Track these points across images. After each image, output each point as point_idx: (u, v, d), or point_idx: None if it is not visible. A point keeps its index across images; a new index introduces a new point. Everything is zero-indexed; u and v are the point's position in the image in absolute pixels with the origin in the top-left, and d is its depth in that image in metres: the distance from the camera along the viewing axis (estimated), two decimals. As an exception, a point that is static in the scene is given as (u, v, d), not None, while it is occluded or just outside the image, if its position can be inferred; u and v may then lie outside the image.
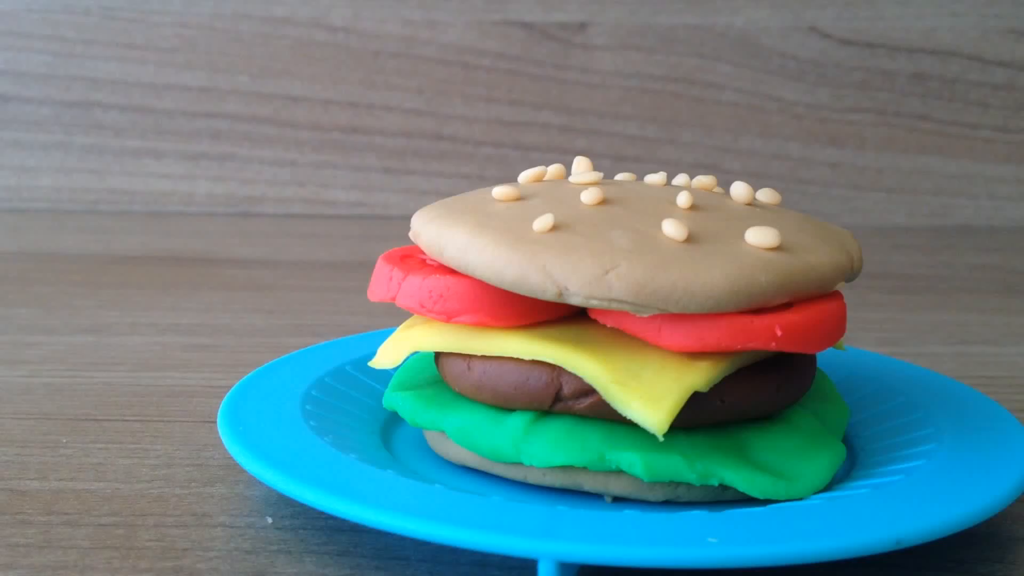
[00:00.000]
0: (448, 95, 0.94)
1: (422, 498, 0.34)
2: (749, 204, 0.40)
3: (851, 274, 0.39)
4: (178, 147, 0.93)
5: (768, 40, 0.94)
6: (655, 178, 0.42)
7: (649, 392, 0.35)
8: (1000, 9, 0.94)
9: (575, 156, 0.97)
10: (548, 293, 0.36)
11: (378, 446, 0.40)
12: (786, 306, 0.37)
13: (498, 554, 0.34)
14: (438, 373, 0.41)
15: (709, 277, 0.35)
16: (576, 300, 0.36)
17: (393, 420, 0.43)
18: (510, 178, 0.91)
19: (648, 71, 0.94)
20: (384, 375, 0.45)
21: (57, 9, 0.91)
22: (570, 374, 0.37)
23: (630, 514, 0.33)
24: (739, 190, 0.40)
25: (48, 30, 0.92)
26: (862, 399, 0.44)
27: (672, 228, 0.37)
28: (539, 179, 0.42)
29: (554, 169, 0.43)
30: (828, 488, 0.37)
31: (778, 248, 0.37)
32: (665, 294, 0.35)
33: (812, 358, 0.40)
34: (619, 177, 0.43)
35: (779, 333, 0.36)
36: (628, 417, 0.35)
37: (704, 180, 0.42)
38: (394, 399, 0.40)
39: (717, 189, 0.42)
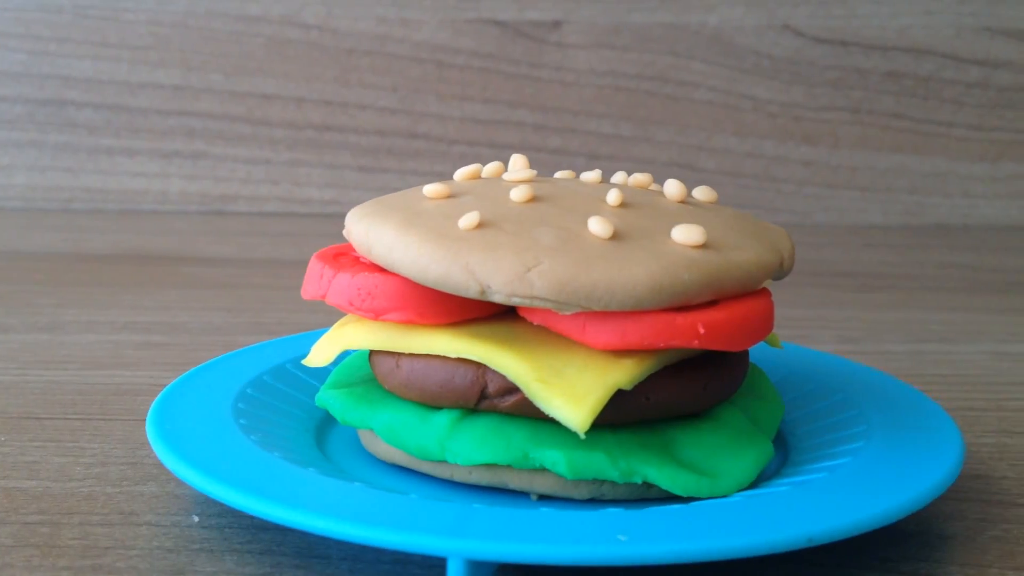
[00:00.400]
0: (422, 93, 0.94)
1: (337, 496, 0.34)
2: (682, 202, 0.40)
3: (780, 272, 0.39)
4: (152, 145, 0.93)
5: (742, 38, 0.94)
6: (590, 176, 0.42)
7: (572, 390, 0.35)
8: (974, 7, 0.93)
9: (550, 154, 0.97)
10: (471, 291, 0.36)
11: (310, 444, 0.40)
12: (711, 304, 0.37)
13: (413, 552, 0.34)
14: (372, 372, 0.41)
15: (631, 275, 0.35)
16: (498, 298, 0.35)
17: (330, 419, 0.43)
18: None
19: (622, 69, 0.94)
20: (326, 373, 0.45)
21: (30, 8, 0.91)
22: (495, 372, 0.37)
23: (544, 512, 0.33)
24: (672, 188, 0.40)
25: (21, 29, 0.92)
26: (801, 397, 0.44)
27: (597, 226, 0.37)
28: (475, 177, 0.42)
29: (492, 167, 0.43)
30: (754, 485, 0.37)
31: (703, 246, 0.37)
32: (587, 292, 0.35)
33: (744, 356, 0.40)
34: (558, 175, 0.43)
35: (702, 331, 0.36)
36: (550, 415, 0.35)
37: (640, 178, 0.42)
38: (326, 397, 0.40)
39: (653, 186, 0.42)
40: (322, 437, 0.41)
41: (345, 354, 0.45)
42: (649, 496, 0.37)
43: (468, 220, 0.37)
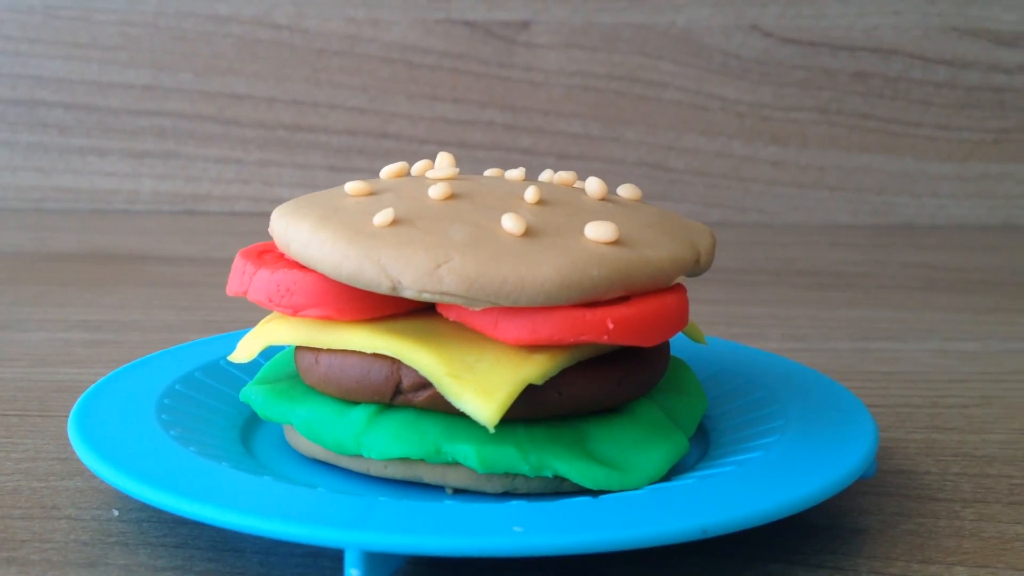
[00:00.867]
0: (392, 93, 0.94)
1: (242, 489, 0.34)
2: (603, 199, 0.41)
3: (697, 269, 0.39)
4: (123, 145, 0.94)
5: (710, 38, 0.94)
6: (514, 174, 0.42)
7: (482, 385, 0.36)
8: (942, 7, 0.94)
9: (520, 154, 0.97)
10: (383, 287, 0.36)
11: (233, 440, 0.40)
12: (623, 300, 0.37)
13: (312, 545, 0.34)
14: (297, 367, 0.41)
15: (540, 271, 0.36)
16: (409, 294, 0.36)
17: (259, 416, 0.43)
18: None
19: (591, 69, 0.94)
20: (257, 370, 0.45)
21: (1, 8, 0.92)
22: (409, 367, 0.37)
23: (448, 505, 0.34)
24: (592, 185, 0.41)
25: (-8, 29, 0.92)
26: (727, 392, 0.44)
27: (510, 222, 0.37)
28: (401, 175, 0.42)
29: (420, 165, 0.43)
30: (667, 479, 0.38)
31: (616, 242, 0.37)
32: (495, 288, 0.36)
33: (663, 352, 0.40)
34: (488, 173, 0.44)
35: (611, 326, 0.36)
36: (461, 409, 0.36)
37: (564, 176, 0.42)
38: (249, 393, 0.40)
39: (578, 184, 0.43)
40: (249, 433, 0.42)
41: (276, 350, 0.46)
42: (563, 490, 0.37)
43: (382, 217, 0.37)
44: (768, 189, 0.95)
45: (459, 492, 0.38)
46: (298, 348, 0.40)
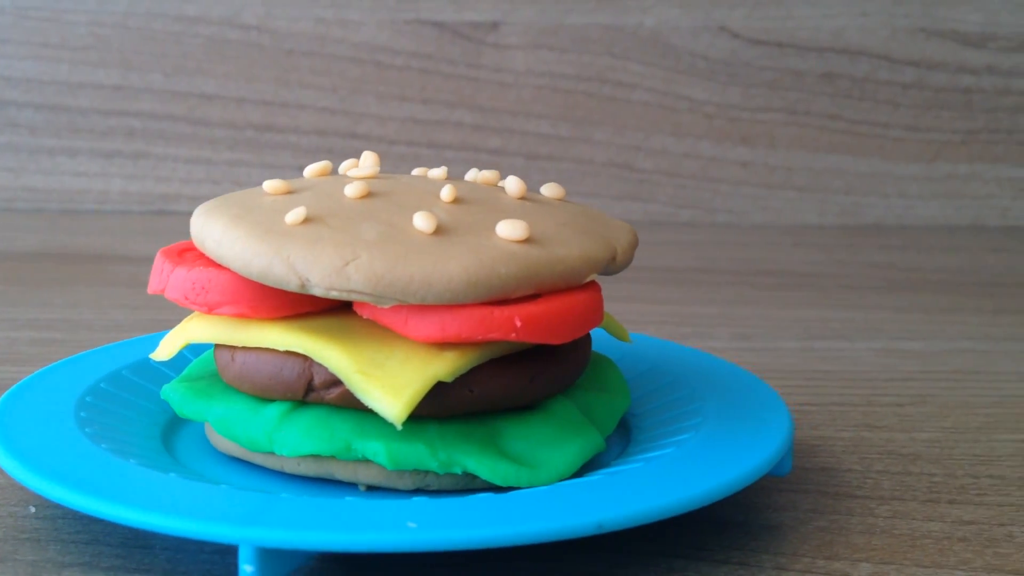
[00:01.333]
0: (362, 94, 0.95)
1: (145, 485, 0.34)
2: (523, 198, 0.41)
3: (613, 267, 0.40)
4: (92, 145, 0.94)
5: (678, 40, 0.94)
6: (436, 172, 0.42)
7: (391, 382, 0.36)
8: (909, 9, 0.94)
9: (489, 154, 0.97)
10: (291, 284, 0.36)
11: (152, 437, 0.41)
12: (533, 298, 0.37)
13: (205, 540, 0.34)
14: (219, 365, 0.41)
15: (448, 269, 0.36)
16: (318, 291, 0.36)
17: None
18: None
19: (560, 70, 0.95)
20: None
21: (-29, 8, 0.92)
22: (321, 365, 0.37)
23: (349, 501, 0.34)
24: (511, 184, 0.41)
25: (-38, 29, 0.92)
26: (653, 390, 0.45)
27: (421, 221, 0.37)
28: (324, 173, 0.43)
29: (346, 164, 0.43)
30: (581, 475, 0.38)
31: (526, 241, 0.37)
32: (403, 285, 0.36)
33: (581, 349, 0.41)
34: (414, 172, 0.44)
35: (519, 324, 0.36)
36: (370, 406, 0.36)
37: (487, 175, 0.43)
38: (169, 390, 0.41)
39: (501, 183, 0.43)
40: (173, 432, 0.42)
41: (204, 348, 0.46)
42: (474, 487, 0.38)
43: (294, 215, 0.37)
44: (736, 190, 0.95)
45: (372, 489, 0.38)
46: (216, 346, 0.40)
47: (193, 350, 0.47)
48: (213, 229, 0.38)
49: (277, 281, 0.36)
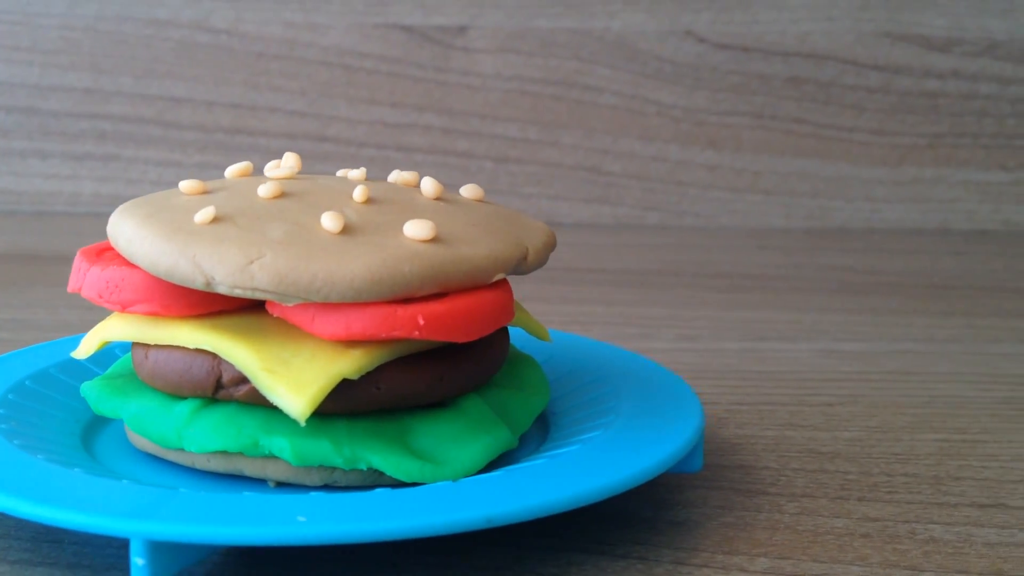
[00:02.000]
0: (331, 97, 0.95)
1: (48, 480, 0.35)
2: (438, 199, 0.41)
3: (524, 267, 0.40)
4: (63, 148, 0.95)
5: (645, 44, 0.95)
6: (355, 173, 0.43)
7: (296, 379, 0.37)
8: (874, 13, 0.94)
9: (457, 157, 0.98)
10: (197, 283, 0.37)
11: (73, 434, 0.41)
12: (440, 296, 0.38)
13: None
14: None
15: (351, 267, 0.37)
16: (223, 289, 0.37)
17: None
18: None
19: (528, 74, 0.95)
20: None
21: (-58, 12, 0.93)
22: (230, 362, 0.38)
23: (244, 496, 0.35)
24: (426, 185, 0.42)
25: (-67, 33, 0.93)
26: (575, 389, 0.45)
27: (329, 220, 0.38)
28: (245, 174, 0.43)
29: (270, 165, 0.44)
30: (488, 472, 0.38)
31: (433, 240, 0.38)
32: (306, 284, 0.36)
33: (494, 348, 0.41)
34: (338, 173, 0.45)
35: (422, 322, 0.37)
36: (275, 403, 0.37)
37: (406, 176, 0.43)
38: (87, 388, 0.41)
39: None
40: (95, 430, 0.43)
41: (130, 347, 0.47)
42: (382, 483, 0.38)
43: (203, 215, 0.38)
44: (704, 193, 0.96)
45: (281, 485, 0.38)
46: (133, 344, 0.41)
47: (124, 348, 0.47)
48: (125, 228, 0.39)
49: (183, 279, 0.37)
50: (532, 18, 0.95)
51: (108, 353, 0.47)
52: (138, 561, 0.32)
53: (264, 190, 0.40)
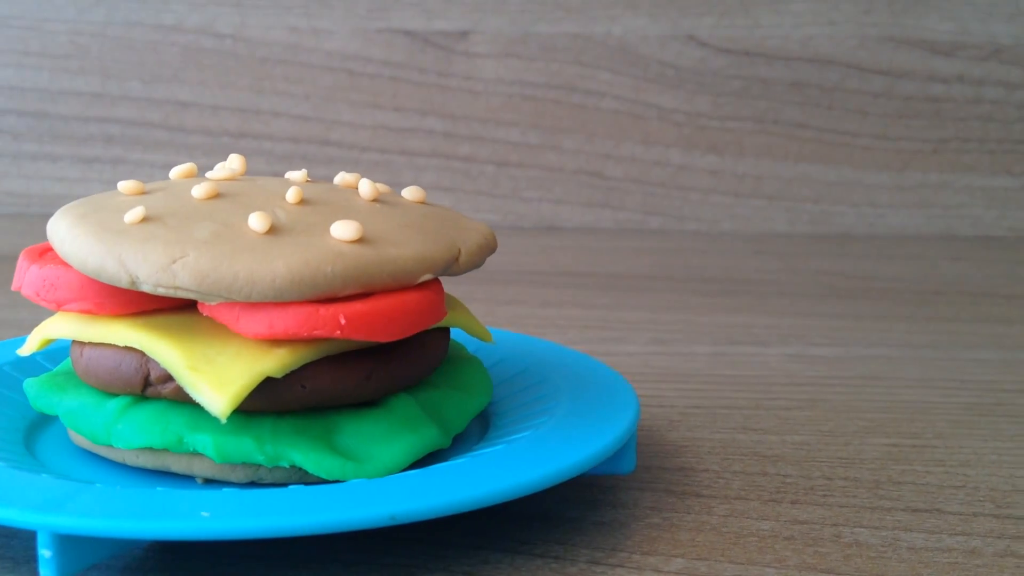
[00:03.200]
0: (334, 101, 0.96)
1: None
2: (375, 200, 0.42)
3: (456, 268, 0.40)
4: (73, 151, 0.96)
5: (647, 48, 0.95)
6: (296, 175, 0.43)
7: (219, 377, 0.37)
8: (877, 17, 0.94)
9: (460, 161, 0.98)
10: (123, 281, 0.37)
11: (16, 430, 0.42)
12: (364, 296, 0.38)
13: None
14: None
15: (272, 267, 0.37)
16: (146, 288, 0.37)
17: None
18: (395, 183, 0.93)
19: (529, 79, 0.96)
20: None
21: (-48, 17, 0.94)
22: (156, 360, 0.38)
23: (157, 492, 0.35)
24: (363, 187, 0.42)
25: (-56, 38, 0.95)
26: (521, 390, 0.45)
27: (255, 221, 0.38)
28: (189, 175, 0.44)
29: (218, 167, 0.44)
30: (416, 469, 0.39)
31: (359, 241, 0.38)
32: (227, 283, 0.37)
33: (428, 348, 0.41)
34: (288, 175, 0.45)
35: (343, 321, 0.37)
36: (198, 401, 0.37)
37: (348, 177, 0.44)
38: (28, 384, 0.42)
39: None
40: (40, 427, 0.43)
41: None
42: (308, 480, 0.38)
43: (132, 215, 0.38)
44: (706, 198, 0.96)
45: (209, 482, 0.39)
46: (72, 342, 0.41)
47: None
48: (59, 228, 0.39)
49: (110, 278, 0.37)
50: (534, 23, 0.95)
51: (63, 350, 0.48)
52: (45, 553, 0.33)
53: (198, 191, 0.40)
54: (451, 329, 0.52)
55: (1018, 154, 0.95)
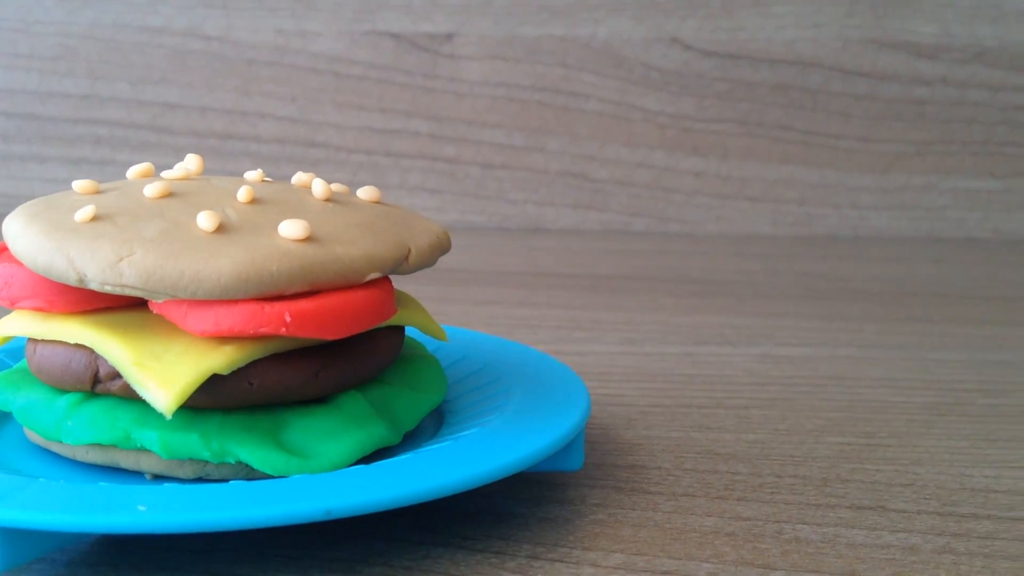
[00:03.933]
0: (320, 103, 0.97)
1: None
2: (328, 200, 0.42)
3: (405, 267, 0.41)
4: (61, 152, 0.97)
5: (631, 51, 0.95)
6: (252, 175, 0.44)
7: (165, 374, 0.38)
8: (860, 20, 0.94)
9: (446, 163, 0.98)
10: (71, 279, 0.38)
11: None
12: (310, 294, 0.39)
13: None
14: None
15: (218, 265, 0.37)
16: (94, 286, 0.38)
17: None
18: (381, 184, 0.94)
19: (514, 81, 0.96)
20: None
21: (-59, 19, 0.95)
22: (104, 357, 0.39)
23: (99, 487, 0.35)
24: (316, 186, 0.42)
25: (-67, 40, 0.95)
26: (476, 388, 0.46)
27: (204, 220, 0.39)
28: (146, 175, 0.44)
29: (177, 167, 0.45)
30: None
31: (306, 239, 0.39)
32: (173, 281, 0.37)
33: (379, 346, 0.42)
34: (247, 175, 0.46)
35: (289, 319, 0.38)
36: (144, 397, 0.38)
37: (303, 177, 0.44)
38: (-15, 381, 0.42)
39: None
40: (4, 422, 0.44)
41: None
42: (255, 476, 0.39)
43: (83, 213, 0.39)
44: (690, 199, 0.96)
45: (157, 478, 0.40)
46: (28, 339, 0.42)
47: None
48: (12, 226, 0.40)
49: (59, 276, 0.38)
50: (519, 25, 0.96)
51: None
52: (-13, 546, 0.33)
53: (150, 190, 0.41)
54: (409, 328, 0.52)
55: (1001, 156, 0.95)
